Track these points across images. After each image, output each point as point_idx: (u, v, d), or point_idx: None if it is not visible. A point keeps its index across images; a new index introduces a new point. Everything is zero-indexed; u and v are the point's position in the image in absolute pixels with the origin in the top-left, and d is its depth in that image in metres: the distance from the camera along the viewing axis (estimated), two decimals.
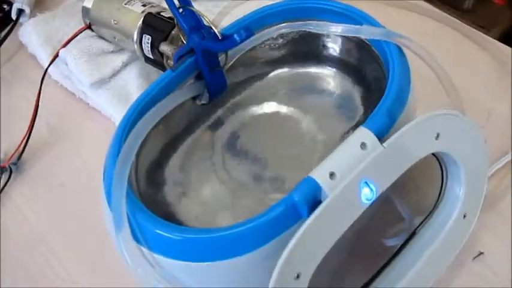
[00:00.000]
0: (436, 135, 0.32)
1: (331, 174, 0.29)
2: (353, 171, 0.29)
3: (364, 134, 0.30)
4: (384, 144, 0.30)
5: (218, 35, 0.34)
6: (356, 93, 0.40)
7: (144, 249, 0.31)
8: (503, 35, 0.82)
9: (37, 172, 0.50)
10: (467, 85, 0.50)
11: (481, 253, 0.41)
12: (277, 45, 0.41)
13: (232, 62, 0.38)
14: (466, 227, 0.37)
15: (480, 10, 0.86)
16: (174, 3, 0.35)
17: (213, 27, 0.34)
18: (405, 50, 0.36)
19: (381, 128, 0.31)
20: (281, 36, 0.40)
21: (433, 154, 0.35)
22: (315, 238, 0.29)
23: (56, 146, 0.51)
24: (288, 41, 0.40)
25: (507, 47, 0.53)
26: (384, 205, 0.42)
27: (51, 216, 0.47)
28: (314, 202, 0.29)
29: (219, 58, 0.37)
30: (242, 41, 0.32)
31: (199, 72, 0.37)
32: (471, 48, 0.54)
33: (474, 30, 0.54)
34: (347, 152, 0.30)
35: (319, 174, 0.29)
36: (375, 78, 0.38)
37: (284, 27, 0.37)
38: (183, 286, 0.31)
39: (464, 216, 0.36)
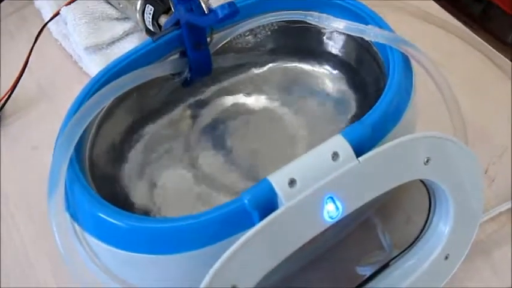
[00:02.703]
0: (425, 159, 0.28)
1: (292, 181, 0.25)
2: (317, 182, 0.25)
3: (338, 142, 0.26)
4: (360, 158, 0.26)
5: (205, 8, 0.31)
6: (351, 96, 0.36)
7: (77, 228, 0.28)
8: None
9: (14, 130, 0.48)
10: (485, 115, 0.46)
11: None
12: (274, 36, 0.37)
13: (222, 45, 0.35)
14: (447, 269, 0.33)
15: None
16: None
17: (202, 1, 0.31)
18: (414, 62, 0.32)
19: (361, 140, 0.27)
20: (279, 26, 0.36)
21: (422, 181, 0.31)
22: (260, 249, 0.25)
23: (40, 105, 0.50)
24: (285, 32, 0.37)
25: None
26: (365, 230, 0.39)
27: (17, 177, 0.45)
28: (269, 209, 0.26)
29: (207, 36, 0.34)
30: (225, 16, 0.28)
31: (184, 48, 0.34)
32: (497, 75, 0.49)
33: (502, 57, 0.50)
34: (315, 159, 0.26)
35: (277, 179, 0.25)
36: (373, 84, 0.34)
37: (281, 15, 0.33)
38: (109, 270, 0.28)
39: (446, 257, 0.32)
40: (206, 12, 0.31)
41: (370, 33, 0.32)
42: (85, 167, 0.30)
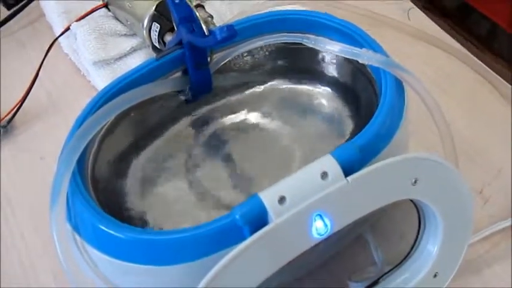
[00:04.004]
0: (413, 180, 0.29)
1: (281, 198, 0.26)
2: (306, 200, 0.26)
3: (328, 162, 0.27)
4: (349, 178, 0.27)
5: (205, 30, 0.32)
6: (346, 114, 0.38)
7: (77, 237, 0.29)
8: None
9: (23, 139, 0.50)
10: (481, 135, 0.47)
11: None
12: (272, 56, 0.38)
13: (222, 65, 0.36)
14: (436, 286, 0.34)
15: None
16: None
17: (202, 22, 0.32)
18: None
19: (350, 161, 0.28)
20: (277, 46, 0.37)
21: (412, 201, 0.32)
22: (250, 263, 0.26)
23: (49, 117, 0.51)
24: (283, 53, 0.38)
25: None
26: (358, 245, 0.40)
27: (24, 184, 0.46)
28: (259, 224, 0.27)
29: (208, 56, 0.35)
30: (223, 39, 0.30)
31: (186, 67, 0.35)
32: (492, 95, 0.50)
33: (498, 77, 0.50)
34: (305, 178, 0.27)
35: (268, 196, 0.26)
36: (368, 103, 0.35)
37: (279, 37, 0.35)
38: (108, 280, 0.29)
39: (435, 275, 0.33)
40: (207, 33, 0.32)
41: (364, 57, 0.33)
42: (87, 180, 0.32)
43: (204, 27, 0.33)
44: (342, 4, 0.54)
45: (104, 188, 0.34)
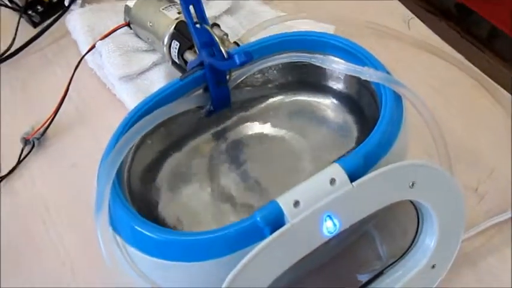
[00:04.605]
0: (411, 183, 0.33)
1: (296, 203, 0.31)
2: (317, 203, 0.31)
3: (335, 170, 0.32)
4: (354, 183, 0.31)
5: (224, 54, 0.36)
6: (352, 124, 0.42)
7: (118, 239, 0.34)
8: None
9: (56, 149, 0.54)
10: (477, 138, 0.51)
11: None
12: (283, 72, 0.43)
13: (239, 81, 0.40)
14: (435, 276, 0.38)
15: None
16: (192, 18, 0.37)
17: (221, 47, 0.37)
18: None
19: (355, 168, 0.32)
20: (288, 63, 0.41)
21: (410, 201, 0.36)
22: (270, 258, 0.30)
23: (78, 128, 0.55)
24: (293, 69, 0.43)
25: None
26: (365, 243, 0.44)
27: (58, 190, 0.50)
28: (277, 225, 0.31)
29: (226, 75, 0.39)
30: (242, 63, 0.34)
31: (207, 85, 0.40)
32: (487, 101, 0.54)
33: (493, 83, 0.54)
34: (316, 184, 0.31)
35: (284, 200, 0.31)
36: (371, 113, 0.39)
37: (290, 57, 0.39)
38: (143, 274, 0.33)
39: (433, 266, 0.37)
40: (226, 57, 0.37)
41: (366, 74, 0.37)
42: (124, 188, 0.36)
43: (223, 50, 0.37)
44: (347, 18, 0.58)
45: (137, 194, 0.38)
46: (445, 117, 0.52)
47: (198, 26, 0.38)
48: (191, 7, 0.37)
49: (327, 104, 0.43)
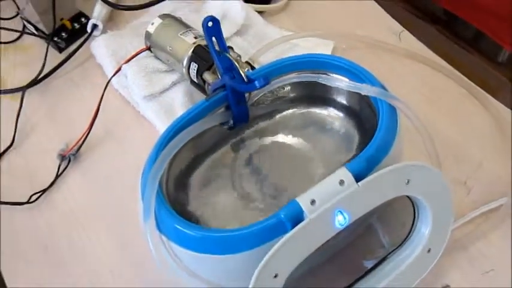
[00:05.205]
0: (406, 181, 0.40)
1: (313, 201, 0.37)
2: (330, 201, 0.37)
3: (343, 173, 0.38)
4: (359, 183, 0.38)
5: (244, 78, 0.43)
6: (355, 133, 0.48)
7: (164, 238, 0.40)
8: None
9: (90, 164, 0.60)
10: (464, 138, 0.57)
11: (448, 286, 0.48)
12: (293, 88, 0.49)
13: (256, 99, 0.47)
14: (431, 258, 0.44)
15: None
16: (214, 48, 0.44)
17: (242, 72, 0.43)
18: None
19: (359, 171, 0.39)
20: (298, 82, 0.48)
21: (407, 197, 0.43)
22: (293, 248, 0.37)
23: (109, 144, 0.61)
24: (302, 86, 0.49)
25: (507, 109, 0.59)
26: (370, 234, 0.50)
27: (94, 200, 0.57)
28: (297, 221, 0.37)
29: (245, 95, 0.46)
30: (261, 86, 0.41)
31: (228, 104, 0.46)
32: (474, 106, 0.60)
33: (480, 89, 0.61)
34: (328, 185, 0.38)
35: (303, 200, 0.37)
36: (369, 125, 0.46)
37: (299, 77, 0.45)
38: (186, 267, 0.40)
39: (429, 250, 0.44)
40: (246, 80, 0.43)
41: (365, 90, 0.43)
42: (164, 194, 0.43)
43: (242, 74, 0.43)
44: (345, 34, 0.65)
45: (171, 198, 0.45)
46: (435, 120, 0.58)
47: (221, 55, 0.45)
48: (213, 38, 0.44)
49: (332, 115, 0.50)
